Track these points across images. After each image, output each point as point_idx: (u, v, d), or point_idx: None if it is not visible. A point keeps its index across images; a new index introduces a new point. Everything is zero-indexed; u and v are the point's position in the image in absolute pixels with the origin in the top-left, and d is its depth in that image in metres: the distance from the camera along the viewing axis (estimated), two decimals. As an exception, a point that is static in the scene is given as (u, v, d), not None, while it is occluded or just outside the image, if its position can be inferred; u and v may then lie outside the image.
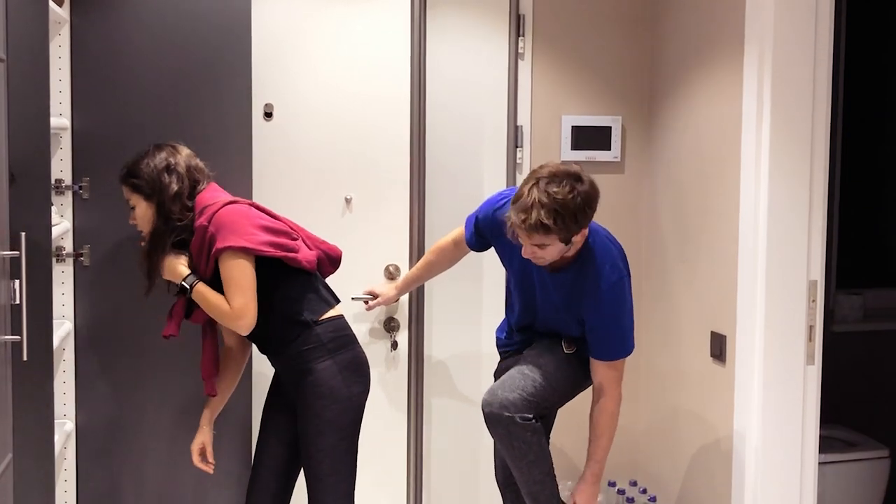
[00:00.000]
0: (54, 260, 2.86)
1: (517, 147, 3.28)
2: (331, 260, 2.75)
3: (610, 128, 3.36)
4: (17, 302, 1.90)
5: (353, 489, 2.65)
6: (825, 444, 2.80)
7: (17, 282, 1.90)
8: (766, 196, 2.65)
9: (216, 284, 2.56)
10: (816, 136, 2.65)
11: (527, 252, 2.45)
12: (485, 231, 2.71)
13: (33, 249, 2.00)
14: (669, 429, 3.27)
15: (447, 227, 3.26)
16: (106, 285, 2.95)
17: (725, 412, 2.86)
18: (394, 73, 3.12)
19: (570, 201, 2.35)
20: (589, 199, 2.40)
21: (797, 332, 2.68)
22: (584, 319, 2.55)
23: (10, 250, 1.90)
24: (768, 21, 2.61)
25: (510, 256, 2.63)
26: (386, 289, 3.04)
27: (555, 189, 2.35)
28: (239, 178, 3.00)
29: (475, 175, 3.29)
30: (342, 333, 2.63)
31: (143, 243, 2.65)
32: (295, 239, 2.62)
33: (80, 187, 2.91)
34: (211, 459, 2.77)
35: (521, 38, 3.27)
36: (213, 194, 2.63)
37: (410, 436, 3.22)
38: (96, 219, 2.93)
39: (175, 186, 2.57)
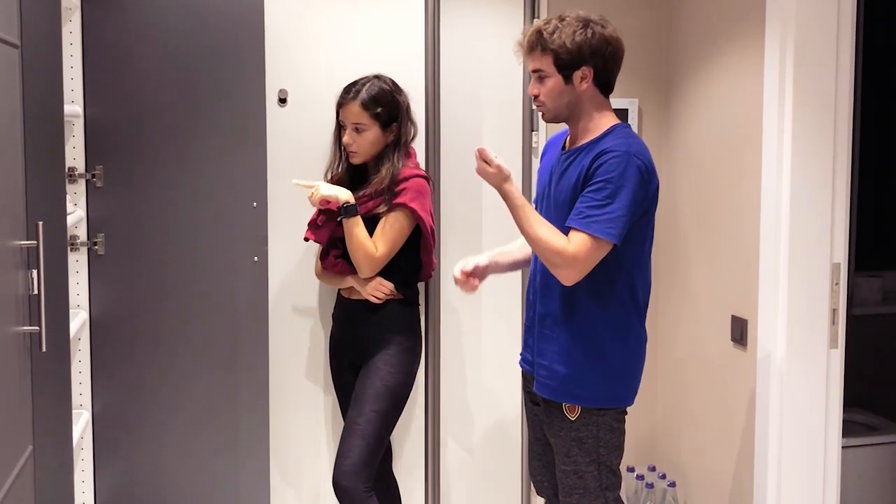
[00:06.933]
0: (69, 249, 2.84)
1: (532, 130, 3.24)
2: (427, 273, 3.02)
3: (626, 110, 3.32)
4: (35, 292, 1.88)
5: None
6: (845, 428, 2.78)
7: (34, 272, 1.88)
8: (789, 177, 2.61)
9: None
10: (839, 115, 2.61)
11: (532, 89, 2.46)
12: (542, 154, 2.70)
13: (50, 239, 1.98)
14: (689, 413, 3.24)
15: (462, 211, 3.24)
16: (121, 274, 2.94)
17: (747, 397, 2.84)
18: (408, 57, 3.09)
19: (576, 26, 2.36)
20: (603, 39, 2.37)
21: (820, 316, 2.65)
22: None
23: (27, 240, 1.88)
24: (790, -1, 2.57)
25: (541, 180, 2.56)
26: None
27: (570, 18, 2.39)
28: (253, 163, 2.98)
29: (491, 159, 3.26)
30: (418, 320, 2.97)
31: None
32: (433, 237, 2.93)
33: (94, 175, 2.90)
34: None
35: (535, 19, 3.22)
36: (415, 158, 2.94)
37: (428, 418, 3.21)
38: (110, 207, 2.92)
39: (413, 129, 2.92)
